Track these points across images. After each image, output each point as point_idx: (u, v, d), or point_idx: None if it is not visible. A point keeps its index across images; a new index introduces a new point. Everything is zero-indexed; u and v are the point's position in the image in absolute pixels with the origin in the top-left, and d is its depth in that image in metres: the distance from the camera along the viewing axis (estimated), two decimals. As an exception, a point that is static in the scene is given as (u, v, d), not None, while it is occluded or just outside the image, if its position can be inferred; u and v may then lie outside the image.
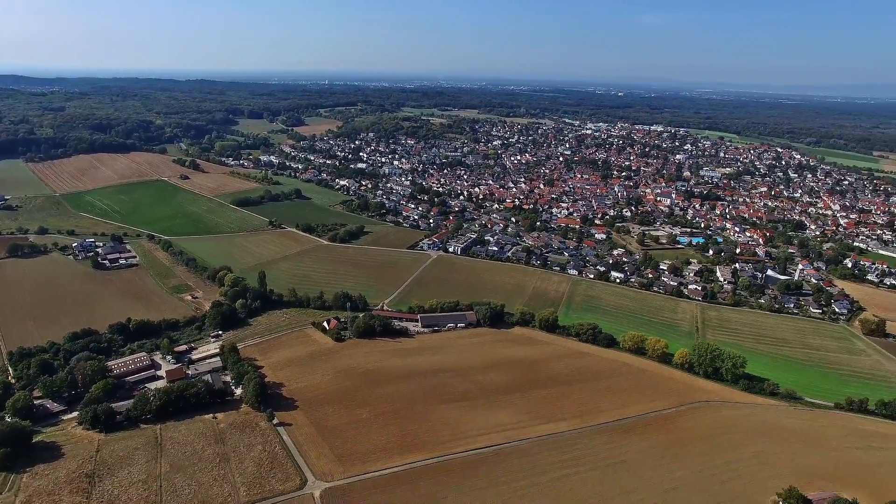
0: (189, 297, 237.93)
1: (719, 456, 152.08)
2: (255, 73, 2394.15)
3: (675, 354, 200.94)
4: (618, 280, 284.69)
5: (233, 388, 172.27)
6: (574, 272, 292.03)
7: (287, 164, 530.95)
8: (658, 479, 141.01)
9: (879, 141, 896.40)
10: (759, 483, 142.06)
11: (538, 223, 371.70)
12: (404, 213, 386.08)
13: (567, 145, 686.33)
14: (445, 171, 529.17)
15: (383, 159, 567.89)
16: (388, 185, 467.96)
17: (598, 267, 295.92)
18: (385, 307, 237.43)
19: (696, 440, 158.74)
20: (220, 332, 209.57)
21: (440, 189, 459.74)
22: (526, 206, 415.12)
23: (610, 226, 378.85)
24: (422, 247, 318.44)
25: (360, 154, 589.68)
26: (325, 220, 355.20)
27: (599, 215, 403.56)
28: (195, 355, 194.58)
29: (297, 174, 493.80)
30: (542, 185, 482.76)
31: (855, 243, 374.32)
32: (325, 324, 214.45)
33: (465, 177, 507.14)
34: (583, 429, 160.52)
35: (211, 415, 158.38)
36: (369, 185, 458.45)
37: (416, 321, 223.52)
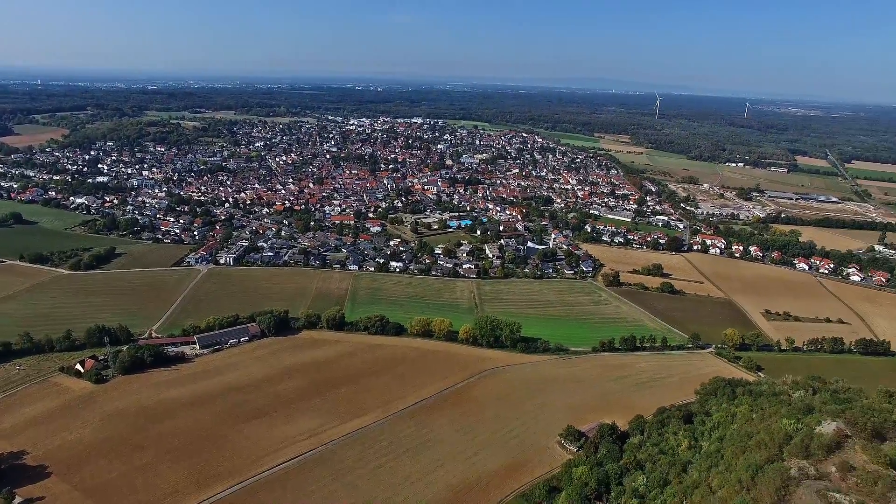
0: None
1: (509, 414, 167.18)
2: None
3: (460, 331, 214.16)
4: (398, 269, 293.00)
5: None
6: (355, 267, 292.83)
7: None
8: (462, 448, 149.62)
9: (597, 124, 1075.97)
10: (543, 429, 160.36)
11: (312, 223, 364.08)
12: (163, 228, 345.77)
13: (333, 142, 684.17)
14: (205, 178, 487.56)
15: (129, 170, 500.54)
16: (140, 198, 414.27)
17: (377, 259, 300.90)
18: (154, 334, 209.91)
19: (488, 405, 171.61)
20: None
21: (202, 198, 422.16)
22: (297, 207, 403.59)
23: (384, 218, 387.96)
24: (189, 262, 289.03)
25: (100, 166, 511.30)
26: (61, 245, 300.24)
27: (372, 209, 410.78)
28: None
29: (14, 195, 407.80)
30: (311, 185, 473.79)
31: (591, 211, 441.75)
32: (78, 366, 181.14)
33: (229, 182, 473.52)
34: (387, 418, 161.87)
35: None
36: (116, 201, 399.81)
37: (194, 343, 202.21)
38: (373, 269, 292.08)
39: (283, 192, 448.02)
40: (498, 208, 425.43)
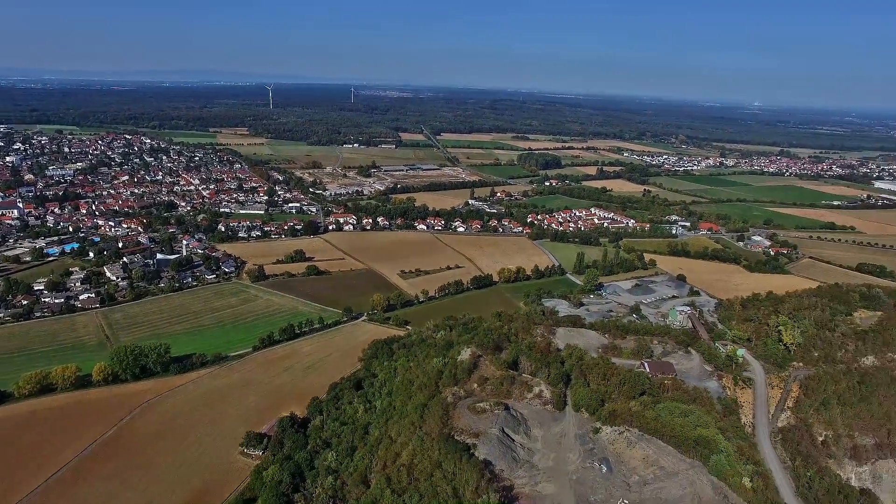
0: None
1: (180, 443, 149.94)
2: None
3: (94, 372, 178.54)
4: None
5: None
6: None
7: None
8: (135, 501, 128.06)
9: (211, 118, 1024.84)
10: (222, 445, 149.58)
11: None
12: None
13: None
14: None
15: None
16: None
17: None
18: None
19: (153, 443, 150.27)
20: None
21: None
22: None
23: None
24: None
25: None
26: None
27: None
28: None
29: None
30: None
31: (221, 209, 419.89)
32: None
33: None
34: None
35: None
36: None
37: None
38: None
39: None
40: (111, 223, 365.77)
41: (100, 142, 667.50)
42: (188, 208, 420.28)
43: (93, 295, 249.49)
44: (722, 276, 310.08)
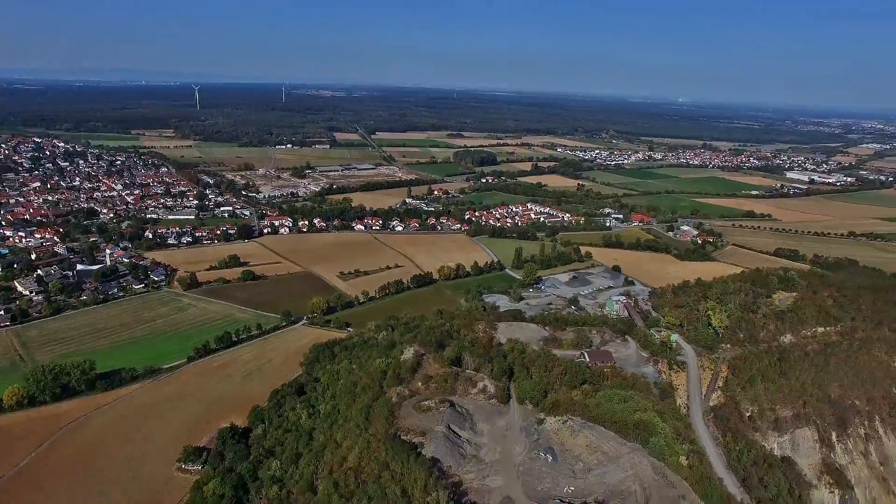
0: None
1: (111, 463, 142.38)
2: None
3: (4, 396, 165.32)
4: None
5: None
6: None
7: None
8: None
9: (133, 120, 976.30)
10: (158, 462, 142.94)
11: None
12: None
13: None
14: None
15: None
16: None
17: None
18: None
19: (80, 465, 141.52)
20: None
21: None
22: None
23: None
24: None
25: None
26: None
27: None
28: None
29: None
30: None
31: (148, 216, 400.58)
32: None
33: None
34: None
35: None
36: None
37: None
38: None
39: None
40: (22, 233, 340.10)
41: (3, 145, 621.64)
42: (111, 215, 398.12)
43: (2, 312, 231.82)
44: (654, 266, 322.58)
